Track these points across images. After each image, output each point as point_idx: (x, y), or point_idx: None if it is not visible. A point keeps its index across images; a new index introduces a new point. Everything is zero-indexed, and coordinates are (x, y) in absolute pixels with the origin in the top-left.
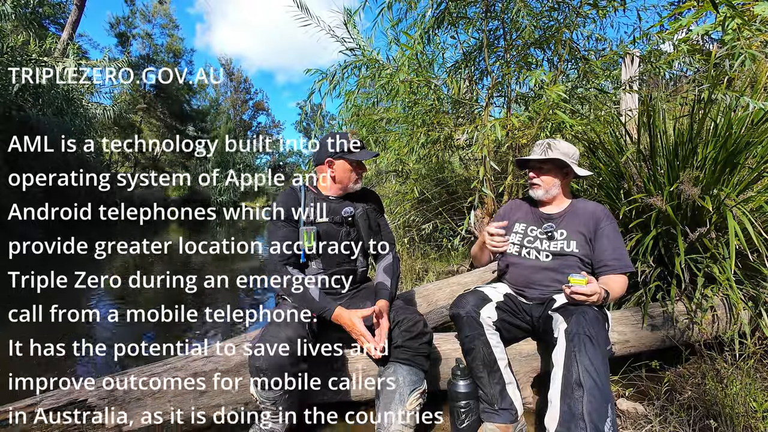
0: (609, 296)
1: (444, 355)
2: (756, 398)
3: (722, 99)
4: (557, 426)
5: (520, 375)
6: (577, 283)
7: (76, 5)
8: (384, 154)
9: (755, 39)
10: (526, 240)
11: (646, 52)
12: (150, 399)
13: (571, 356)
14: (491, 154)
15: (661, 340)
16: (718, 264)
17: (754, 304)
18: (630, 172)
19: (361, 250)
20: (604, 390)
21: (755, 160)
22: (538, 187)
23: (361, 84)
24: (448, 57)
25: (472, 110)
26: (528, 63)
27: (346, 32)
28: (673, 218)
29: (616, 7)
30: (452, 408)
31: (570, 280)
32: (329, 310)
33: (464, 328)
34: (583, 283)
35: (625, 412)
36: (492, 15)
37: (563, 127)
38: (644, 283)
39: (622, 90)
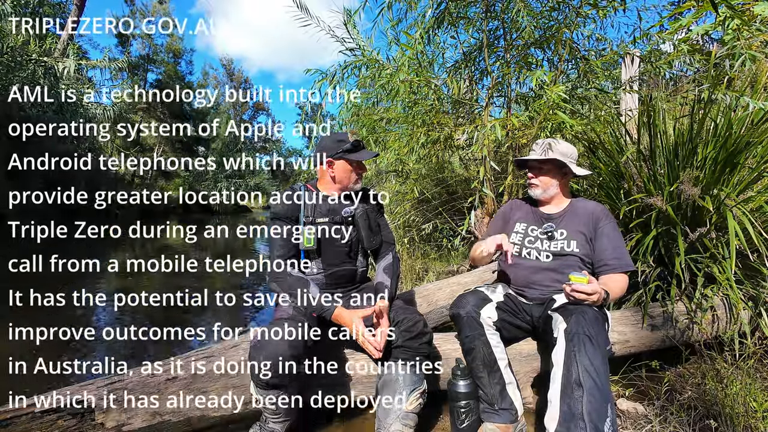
0: (609, 297)
1: (444, 355)
2: (756, 398)
3: (722, 99)
4: (557, 426)
5: (520, 375)
6: (578, 282)
7: (76, 5)
8: (384, 154)
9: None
10: (527, 240)
11: (646, 52)
12: (150, 399)
13: (570, 356)
14: (491, 154)
15: (661, 340)
16: (718, 264)
17: (754, 304)
18: (630, 172)
19: (361, 249)
20: (604, 390)
21: (755, 160)
22: (536, 187)
23: (361, 84)
24: (448, 57)
25: (472, 110)
26: (528, 63)
27: (346, 32)
28: (673, 218)
29: (617, 7)
30: (452, 408)
31: (571, 278)
32: (329, 310)
33: (464, 328)
34: (584, 282)
35: (625, 412)
36: (492, 15)
37: (563, 127)
38: (644, 283)
39: (622, 90)
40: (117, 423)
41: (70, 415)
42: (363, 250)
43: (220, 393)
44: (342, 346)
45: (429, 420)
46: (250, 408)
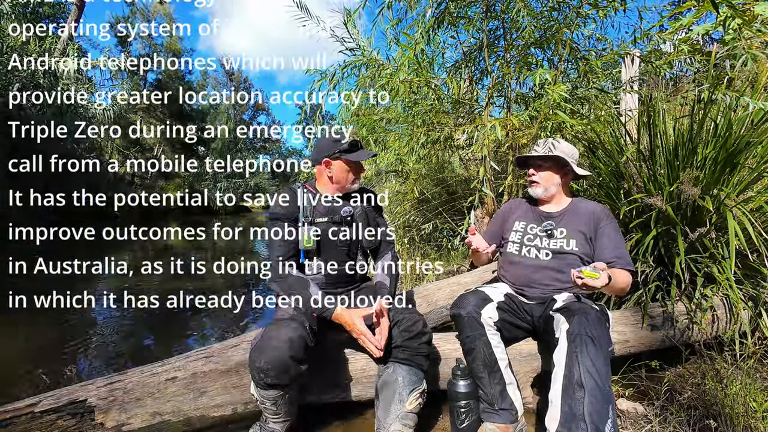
0: (611, 281)
1: (444, 355)
2: (756, 398)
3: (722, 99)
4: (558, 426)
5: (520, 375)
6: (590, 276)
7: (76, 5)
8: (384, 154)
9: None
10: (526, 238)
11: (646, 52)
12: (150, 399)
13: (572, 357)
14: (491, 154)
15: (661, 340)
16: (717, 264)
17: (754, 304)
18: (630, 172)
19: (361, 249)
20: (606, 391)
21: (755, 160)
22: (537, 185)
23: (361, 84)
24: (448, 57)
25: (472, 110)
26: (528, 63)
27: (346, 32)
28: (673, 218)
29: (617, 7)
30: (452, 408)
31: (583, 273)
32: (329, 310)
33: (465, 328)
34: (596, 277)
35: (625, 412)
36: (492, 15)
37: (563, 127)
38: (644, 283)
39: (622, 90)
40: (117, 423)
41: (70, 415)
42: (362, 249)
43: (220, 393)
44: (342, 346)
45: (429, 420)
46: (250, 408)
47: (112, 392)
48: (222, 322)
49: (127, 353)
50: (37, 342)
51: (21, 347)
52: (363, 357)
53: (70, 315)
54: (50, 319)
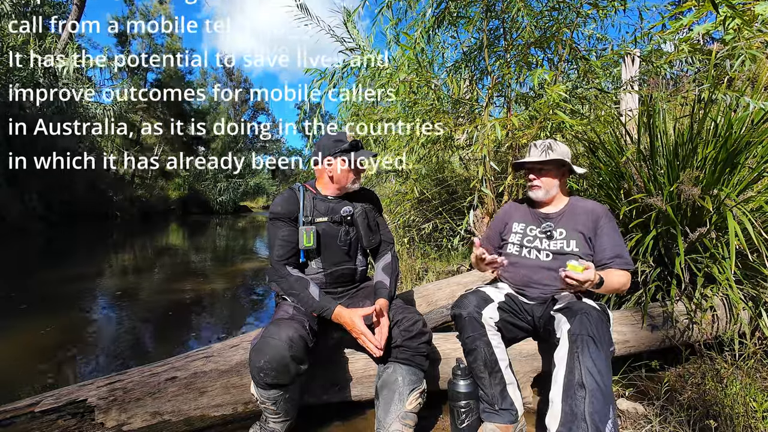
0: (603, 283)
1: (444, 355)
2: (756, 398)
3: (722, 99)
4: (558, 426)
5: (521, 375)
6: (573, 269)
7: (76, 5)
8: (384, 154)
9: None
10: (526, 239)
11: (646, 52)
12: (150, 399)
13: (573, 357)
14: (491, 154)
15: (661, 340)
16: (717, 264)
17: (754, 304)
18: (630, 172)
19: (360, 249)
20: (607, 392)
21: (755, 160)
22: (538, 189)
23: (361, 84)
24: (448, 57)
25: (472, 110)
26: (528, 63)
27: (346, 32)
28: (673, 218)
29: (617, 7)
30: (452, 408)
31: (568, 266)
32: (329, 310)
33: (466, 328)
34: (579, 270)
35: (625, 412)
36: (492, 14)
37: (563, 127)
38: (644, 283)
39: (622, 90)
40: (117, 423)
41: (70, 415)
42: (362, 249)
43: (220, 393)
44: (342, 346)
45: (429, 420)
46: (250, 408)
47: (112, 392)
48: (222, 322)
49: (127, 353)
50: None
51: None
52: (363, 357)
53: (70, 315)
54: (50, 319)
